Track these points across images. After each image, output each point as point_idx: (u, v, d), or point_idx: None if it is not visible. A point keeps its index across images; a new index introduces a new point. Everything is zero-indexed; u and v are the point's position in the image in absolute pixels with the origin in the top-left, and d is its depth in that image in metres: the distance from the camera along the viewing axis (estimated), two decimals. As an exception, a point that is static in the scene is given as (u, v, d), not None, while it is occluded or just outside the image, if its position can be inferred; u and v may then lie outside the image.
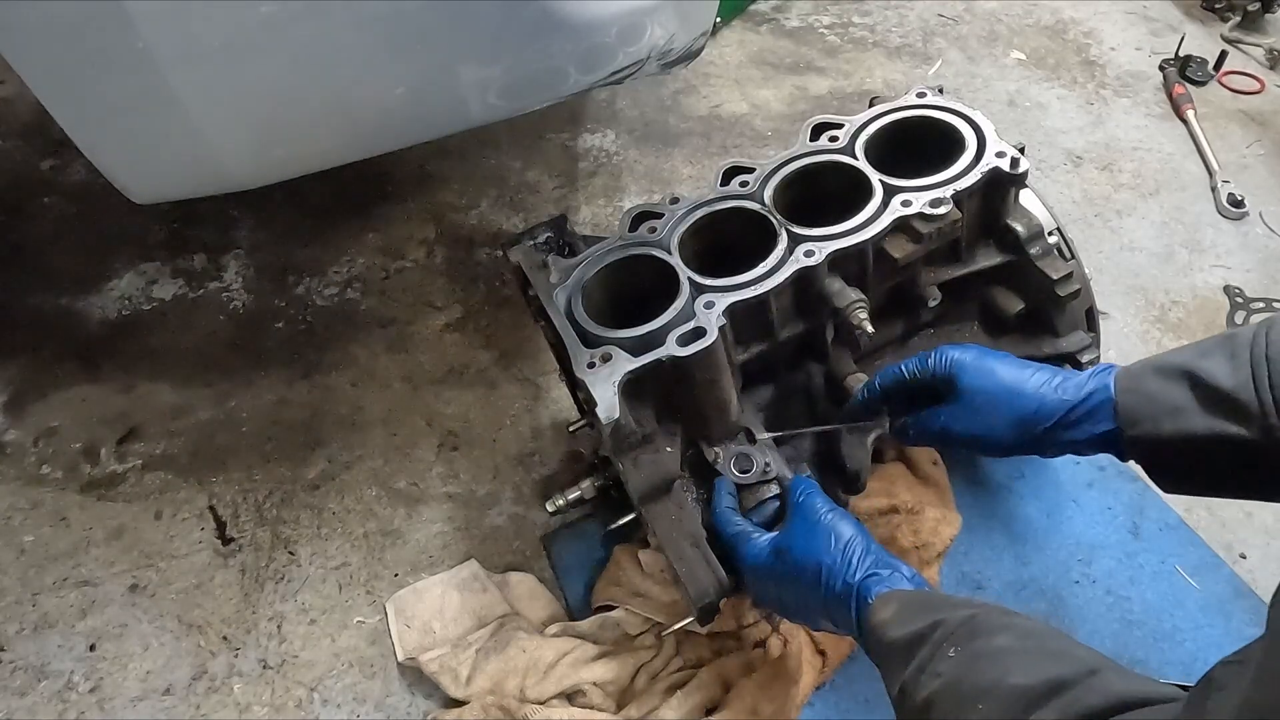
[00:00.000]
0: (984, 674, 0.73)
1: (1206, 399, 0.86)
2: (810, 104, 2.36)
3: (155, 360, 1.75)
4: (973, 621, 0.79)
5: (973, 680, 0.74)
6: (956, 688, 0.75)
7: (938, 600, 0.87)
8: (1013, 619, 0.80)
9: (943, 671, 0.76)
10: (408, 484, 1.55)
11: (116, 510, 1.52)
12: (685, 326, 1.04)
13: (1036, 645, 0.75)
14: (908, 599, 0.88)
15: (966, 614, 0.80)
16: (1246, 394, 0.83)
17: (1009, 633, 0.77)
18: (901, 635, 0.83)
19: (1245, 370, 0.84)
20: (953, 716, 0.74)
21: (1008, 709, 0.69)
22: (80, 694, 1.30)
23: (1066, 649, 0.75)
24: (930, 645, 0.79)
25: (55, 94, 1.03)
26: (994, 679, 0.72)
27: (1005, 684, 0.71)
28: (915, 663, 0.79)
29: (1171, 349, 0.95)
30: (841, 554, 0.93)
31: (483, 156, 2.18)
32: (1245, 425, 0.83)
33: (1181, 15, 2.71)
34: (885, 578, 0.91)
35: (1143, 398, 0.91)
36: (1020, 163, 1.16)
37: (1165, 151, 2.21)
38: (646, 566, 1.31)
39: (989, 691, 0.72)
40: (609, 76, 1.34)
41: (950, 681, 0.75)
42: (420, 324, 1.81)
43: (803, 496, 1.02)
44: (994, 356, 1.03)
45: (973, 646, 0.77)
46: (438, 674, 1.25)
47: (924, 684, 0.77)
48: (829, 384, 1.23)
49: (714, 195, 1.20)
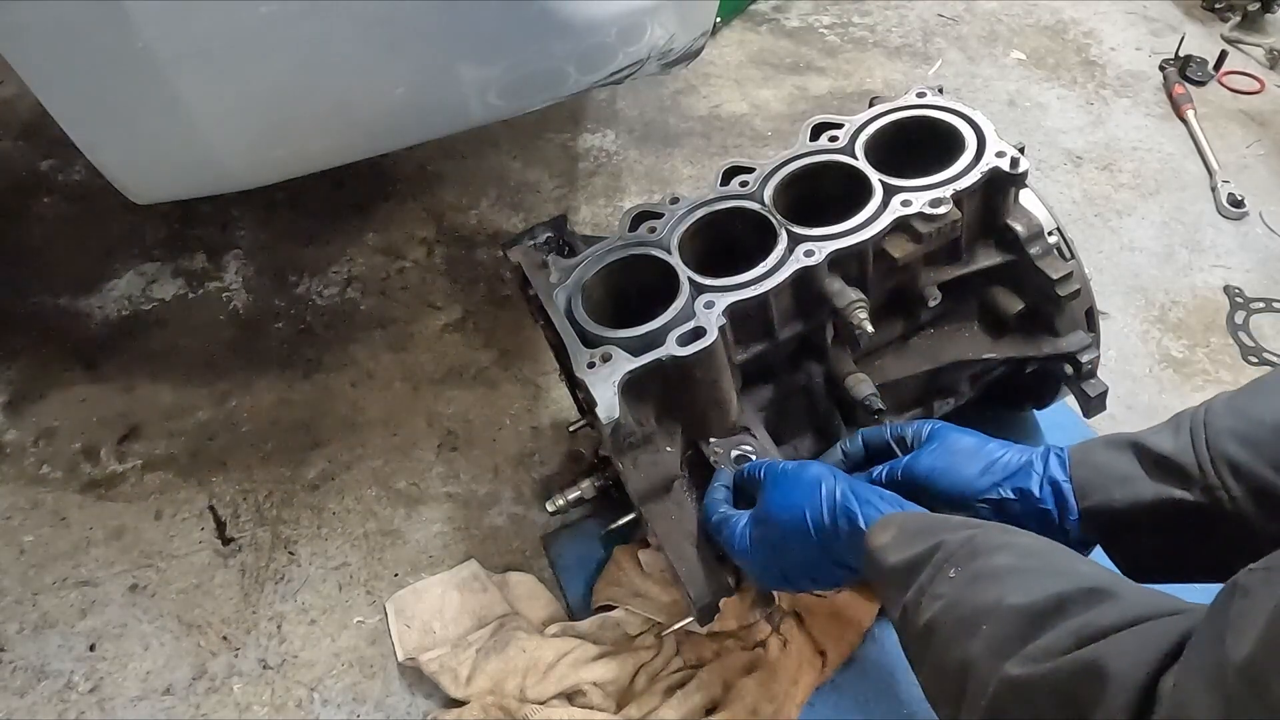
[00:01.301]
0: (984, 593, 0.72)
1: (1151, 465, 0.89)
2: (810, 104, 2.36)
3: (155, 360, 1.75)
4: (972, 541, 0.78)
5: (972, 600, 0.73)
6: (957, 609, 0.73)
7: (936, 521, 0.85)
8: (1013, 536, 0.79)
9: (943, 593, 0.75)
10: (408, 484, 1.55)
11: (116, 510, 1.52)
12: (685, 326, 1.05)
13: (1039, 563, 0.74)
14: (905, 521, 0.87)
15: (966, 534, 0.79)
16: (1186, 457, 0.86)
17: (1009, 551, 0.76)
18: (901, 559, 0.82)
19: (1185, 436, 0.88)
20: (954, 637, 0.72)
21: (1011, 627, 0.68)
22: (80, 694, 1.30)
23: (1070, 565, 0.74)
24: (931, 567, 0.78)
25: (55, 94, 1.03)
26: (995, 598, 0.71)
27: (1006, 603, 0.69)
28: (915, 586, 0.78)
29: None
30: (818, 490, 0.93)
31: (483, 156, 2.18)
32: (1188, 488, 0.86)
33: (1181, 15, 2.71)
34: (870, 501, 0.90)
35: (1092, 469, 0.93)
36: (1020, 162, 1.16)
37: (1165, 151, 2.21)
38: (646, 566, 1.31)
39: (990, 611, 0.70)
40: (609, 76, 1.34)
41: (951, 602, 0.74)
42: (420, 324, 1.81)
43: (765, 468, 1.03)
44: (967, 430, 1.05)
45: (973, 566, 0.75)
46: (438, 674, 1.25)
47: (925, 607, 0.76)
48: (829, 384, 1.23)
49: (714, 195, 1.20)
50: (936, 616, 0.75)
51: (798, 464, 1.00)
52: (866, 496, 0.91)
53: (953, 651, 0.72)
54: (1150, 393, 1.67)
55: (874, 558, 0.86)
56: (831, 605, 1.29)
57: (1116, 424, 1.59)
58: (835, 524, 0.91)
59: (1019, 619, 0.68)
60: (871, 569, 0.87)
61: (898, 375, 1.27)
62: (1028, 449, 0.99)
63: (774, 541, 0.97)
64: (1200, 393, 1.67)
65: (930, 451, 1.02)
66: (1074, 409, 1.40)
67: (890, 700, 1.25)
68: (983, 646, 0.69)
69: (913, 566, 0.80)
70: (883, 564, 0.84)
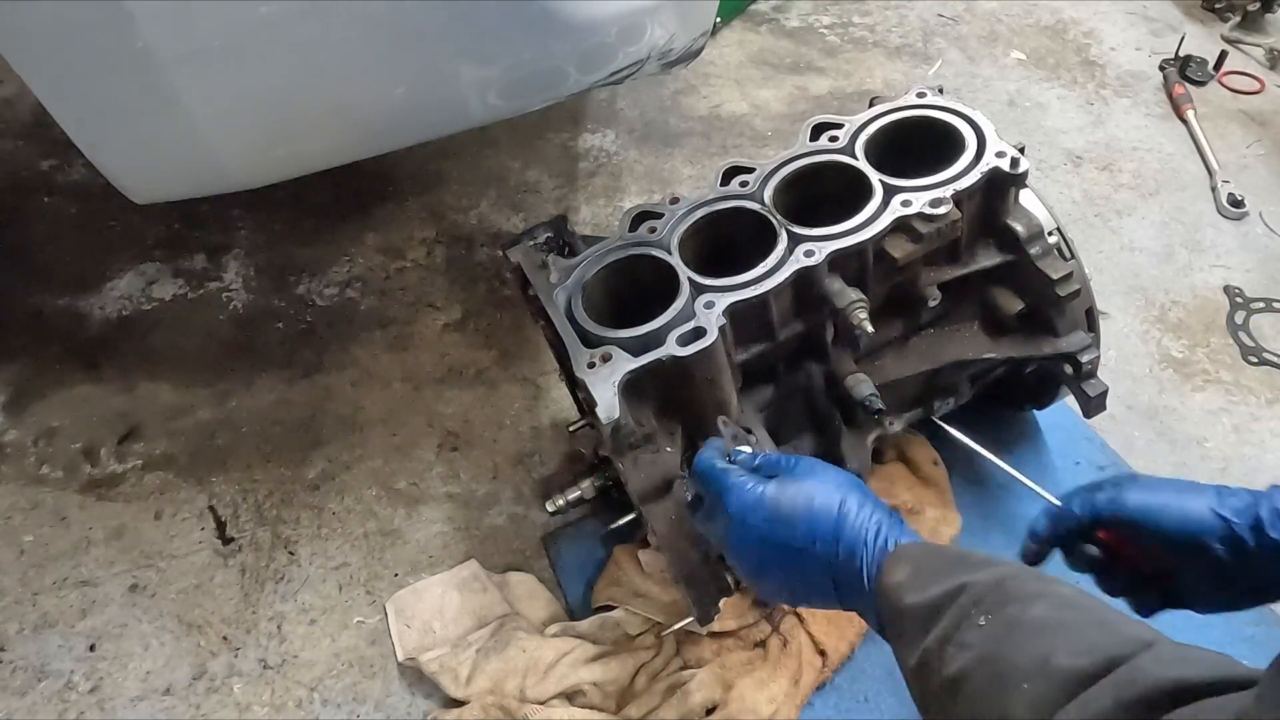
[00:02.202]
0: (1024, 649, 0.66)
1: None
2: (810, 104, 2.36)
3: (155, 360, 1.75)
4: (1002, 587, 0.72)
5: (1010, 656, 0.67)
6: (992, 663, 0.68)
7: (955, 558, 0.79)
8: (1047, 585, 0.73)
9: (973, 643, 0.69)
10: (408, 484, 1.55)
11: (116, 510, 1.52)
12: (685, 326, 1.05)
13: (1078, 617, 0.68)
14: (922, 557, 0.80)
15: (993, 577, 0.73)
16: None
17: (1045, 601, 0.70)
18: (920, 600, 0.75)
19: None
20: (990, 694, 0.67)
21: (1058, 689, 0.62)
22: (80, 694, 1.30)
23: (1112, 620, 0.68)
24: (955, 611, 0.72)
25: (55, 94, 1.03)
26: (1038, 656, 0.65)
27: (1052, 664, 0.64)
28: (938, 631, 0.72)
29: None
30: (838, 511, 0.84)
31: (483, 156, 2.18)
32: None
33: (1181, 15, 2.71)
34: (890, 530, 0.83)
35: None
36: (1020, 163, 1.16)
37: (1165, 151, 2.21)
38: (646, 566, 1.31)
39: (1034, 671, 0.65)
40: (609, 76, 1.34)
41: (984, 656, 0.68)
42: (420, 324, 1.81)
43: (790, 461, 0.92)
44: None
45: (1005, 615, 0.70)
46: (438, 674, 1.25)
47: (951, 657, 0.70)
48: (829, 384, 1.23)
49: (714, 195, 1.20)
50: (966, 669, 0.69)
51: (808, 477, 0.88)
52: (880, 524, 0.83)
53: (986, 709, 0.67)
54: (1150, 393, 1.67)
55: (888, 597, 0.78)
56: (831, 605, 1.29)
57: (1116, 424, 1.59)
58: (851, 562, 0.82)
59: (1067, 682, 0.63)
60: (884, 607, 0.80)
61: (898, 375, 1.27)
62: (1235, 489, 0.87)
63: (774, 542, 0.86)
64: (1200, 393, 1.67)
65: (1128, 489, 0.89)
66: (1074, 409, 1.40)
67: (890, 700, 1.25)
68: (1026, 707, 0.64)
69: (934, 610, 0.74)
70: (898, 604, 0.77)
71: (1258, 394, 1.67)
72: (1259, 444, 1.59)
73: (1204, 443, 1.60)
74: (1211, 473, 1.54)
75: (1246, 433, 1.61)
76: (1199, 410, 1.65)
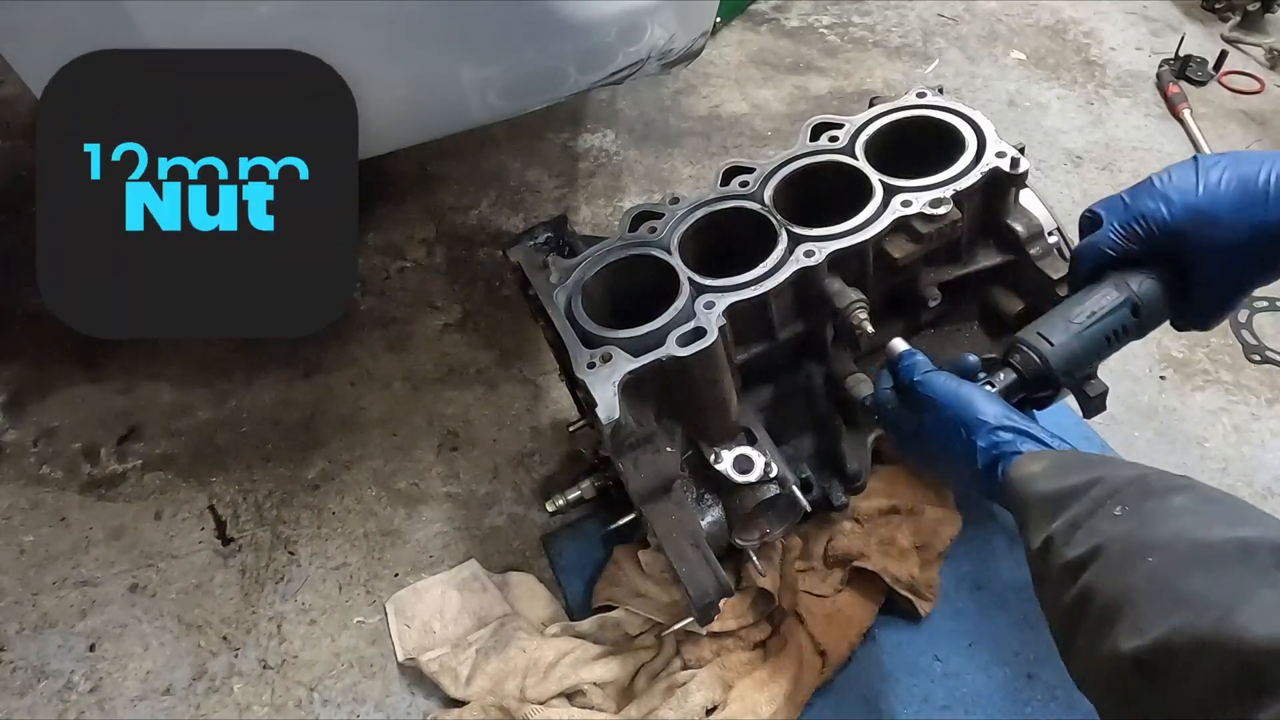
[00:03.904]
0: (1157, 530, 0.66)
1: None
2: (810, 104, 2.36)
3: (155, 360, 1.75)
4: (1144, 481, 0.72)
5: (1142, 536, 0.66)
6: (1123, 543, 0.67)
7: (1095, 458, 0.80)
8: (1190, 482, 0.72)
9: (1105, 530, 0.69)
10: (408, 484, 1.55)
11: (116, 510, 1.52)
12: (685, 326, 1.05)
13: (1221, 510, 0.68)
14: (1059, 455, 0.83)
15: (1134, 473, 0.74)
16: None
17: (1187, 494, 0.69)
18: (1051, 488, 0.77)
19: None
20: (1113, 570, 0.66)
21: (1184, 562, 0.62)
22: (80, 694, 1.30)
23: (1255, 514, 0.67)
24: (1088, 500, 0.73)
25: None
26: (1170, 534, 0.65)
27: (1185, 538, 0.63)
28: (1067, 517, 0.73)
29: None
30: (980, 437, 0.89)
31: (483, 156, 2.18)
32: None
33: (1181, 15, 2.71)
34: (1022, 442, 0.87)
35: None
36: (1020, 163, 1.16)
37: (1165, 151, 2.21)
38: (646, 566, 1.31)
39: (1163, 546, 0.64)
40: (609, 76, 1.34)
41: (1114, 537, 0.68)
42: (420, 324, 1.81)
43: (925, 388, 0.97)
44: None
45: (1145, 506, 0.69)
46: (438, 674, 1.25)
47: (1079, 540, 0.70)
48: (829, 384, 1.23)
49: (714, 195, 1.20)
50: (1094, 552, 0.69)
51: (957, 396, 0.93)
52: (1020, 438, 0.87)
53: (1108, 584, 0.66)
54: (1150, 393, 1.67)
55: (1018, 486, 0.82)
56: (831, 605, 1.29)
57: (1116, 424, 1.59)
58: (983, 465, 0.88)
59: (1195, 553, 0.62)
60: (1012, 497, 0.83)
61: (898, 375, 1.26)
62: None
63: (928, 454, 0.99)
64: (1200, 393, 1.67)
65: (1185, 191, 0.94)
66: (1074, 409, 1.39)
67: (890, 700, 1.25)
68: (1145, 577, 0.63)
69: (1064, 497, 0.75)
70: (1028, 492, 0.80)
71: (1258, 394, 1.67)
72: (1259, 444, 1.59)
73: (1204, 443, 1.60)
74: (1212, 472, 1.54)
75: (1246, 432, 1.61)
76: (1199, 410, 1.65)
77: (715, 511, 1.16)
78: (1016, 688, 1.25)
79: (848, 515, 1.35)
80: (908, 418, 1.00)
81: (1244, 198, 0.91)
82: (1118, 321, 1.00)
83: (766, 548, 1.28)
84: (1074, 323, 0.99)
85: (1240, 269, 0.95)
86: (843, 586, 1.31)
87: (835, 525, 1.34)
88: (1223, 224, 0.92)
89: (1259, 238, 0.91)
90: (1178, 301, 1.02)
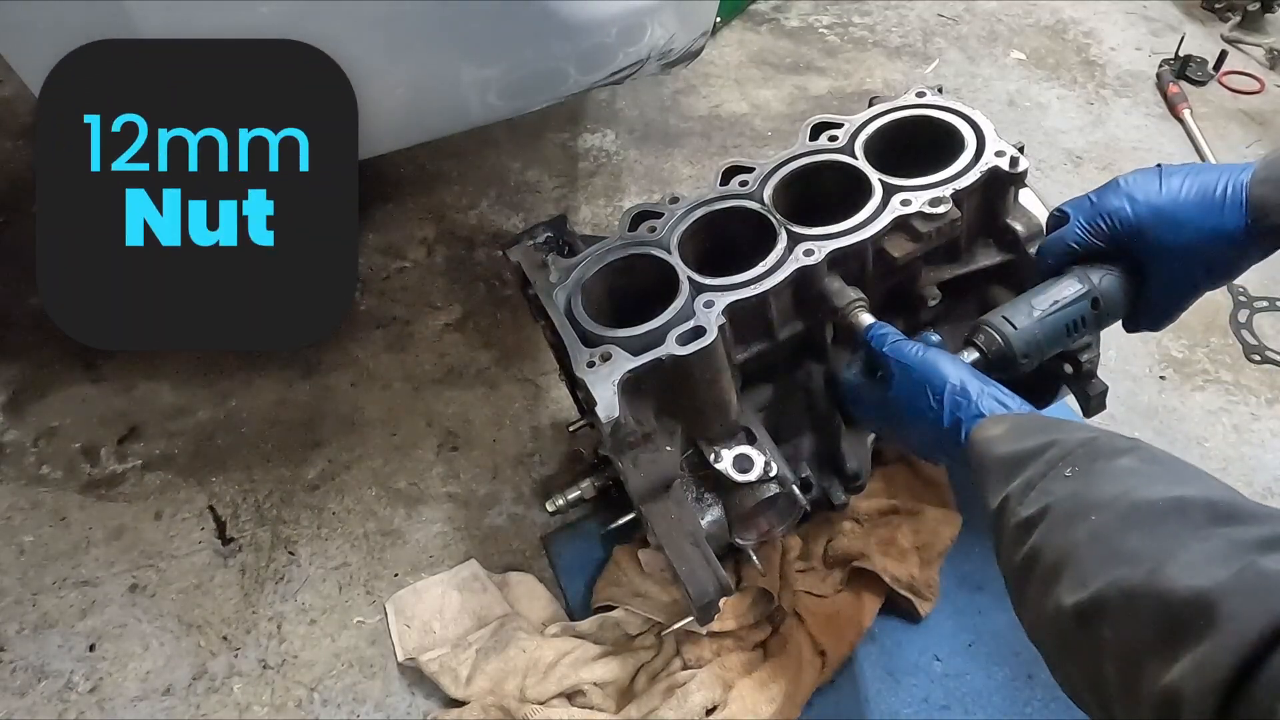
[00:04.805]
0: (1101, 489, 0.69)
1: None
2: (810, 104, 2.36)
3: (155, 360, 1.75)
4: (1093, 443, 0.75)
5: (1086, 495, 0.70)
6: (1069, 502, 0.70)
7: (1049, 422, 0.84)
8: (1137, 445, 0.75)
9: (1054, 490, 0.72)
10: (408, 484, 1.55)
11: (116, 510, 1.52)
12: (685, 326, 1.05)
13: (1162, 470, 0.71)
14: (1018, 419, 0.87)
15: (1085, 435, 0.76)
16: None
17: (1133, 455, 0.73)
18: (1009, 450, 0.80)
19: None
20: (1059, 528, 0.69)
21: (1121, 520, 0.65)
22: (80, 694, 1.30)
23: (1194, 474, 0.71)
24: (1041, 463, 0.76)
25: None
26: (1113, 494, 0.68)
27: (1126, 498, 0.66)
28: (1021, 479, 0.76)
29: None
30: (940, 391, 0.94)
31: (483, 156, 2.18)
32: None
33: (1181, 15, 2.71)
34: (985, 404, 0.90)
35: (1274, 186, 0.94)
36: (1020, 162, 1.16)
37: (1165, 151, 2.21)
38: (646, 566, 1.31)
39: (1106, 505, 0.67)
40: (609, 76, 1.34)
41: (1062, 497, 0.71)
42: (420, 324, 1.81)
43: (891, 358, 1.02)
44: None
45: (1093, 468, 0.72)
46: (438, 674, 1.25)
47: (1031, 500, 0.74)
48: (829, 384, 1.23)
49: (714, 195, 1.20)
50: (1041, 512, 0.72)
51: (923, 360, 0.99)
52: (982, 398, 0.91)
53: (1054, 540, 0.69)
54: (1150, 393, 1.67)
55: (980, 448, 0.86)
56: (831, 605, 1.29)
57: (1116, 424, 1.59)
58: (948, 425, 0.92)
59: (1133, 511, 0.65)
60: (974, 459, 0.87)
61: (898, 375, 1.26)
62: None
63: (894, 421, 1.02)
64: (1200, 393, 1.67)
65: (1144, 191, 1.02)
66: (1074, 409, 1.39)
67: (890, 700, 1.25)
68: (1087, 534, 0.66)
69: (1021, 459, 0.78)
70: (987, 454, 0.84)
71: (1258, 394, 1.67)
72: (1259, 444, 1.59)
73: (1204, 443, 1.60)
74: (1211, 472, 1.52)
75: (1246, 432, 1.61)
76: (1199, 410, 1.65)
77: (715, 511, 1.16)
78: (1016, 688, 1.25)
79: (847, 515, 1.35)
80: (873, 389, 1.04)
81: (1202, 203, 0.99)
82: (1078, 312, 1.06)
83: (766, 547, 1.28)
84: (1037, 309, 1.05)
85: (1192, 270, 1.03)
86: (842, 586, 1.31)
87: (835, 525, 1.34)
88: (1181, 225, 1.00)
89: (1213, 241, 0.99)
90: (1134, 300, 1.08)
